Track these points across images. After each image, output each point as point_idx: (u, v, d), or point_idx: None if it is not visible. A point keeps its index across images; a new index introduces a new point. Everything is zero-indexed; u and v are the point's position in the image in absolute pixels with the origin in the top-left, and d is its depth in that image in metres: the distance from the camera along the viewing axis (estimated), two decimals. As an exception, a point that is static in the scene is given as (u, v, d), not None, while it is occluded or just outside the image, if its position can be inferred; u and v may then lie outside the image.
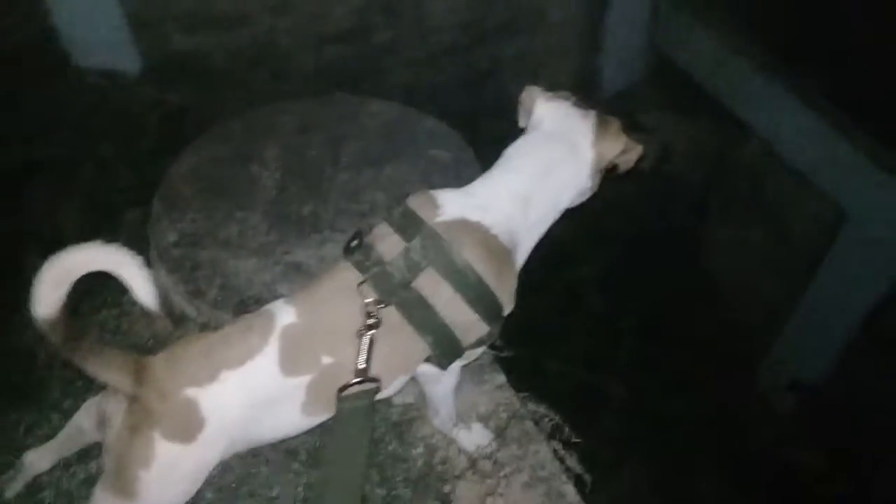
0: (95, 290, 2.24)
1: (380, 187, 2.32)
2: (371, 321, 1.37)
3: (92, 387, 1.78)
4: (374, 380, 1.38)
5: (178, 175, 2.38)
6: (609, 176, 1.68)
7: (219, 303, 2.06)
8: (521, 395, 2.05)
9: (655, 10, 3.60)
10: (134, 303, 2.21)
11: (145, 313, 2.19)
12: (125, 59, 3.10)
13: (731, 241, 3.59)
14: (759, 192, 3.43)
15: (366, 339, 1.36)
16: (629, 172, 1.70)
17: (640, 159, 1.68)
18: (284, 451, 1.89)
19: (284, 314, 1.39)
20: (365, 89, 3.37)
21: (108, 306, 2.23)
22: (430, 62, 3.60)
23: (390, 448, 1.92)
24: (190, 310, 2.11)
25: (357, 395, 1.37)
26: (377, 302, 1.39)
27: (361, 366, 1.36)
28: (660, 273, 3.29)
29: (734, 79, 3.40)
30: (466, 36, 3.56)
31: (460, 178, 2.32)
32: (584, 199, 1.65)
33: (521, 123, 1.72)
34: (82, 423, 1.60)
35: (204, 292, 2.09)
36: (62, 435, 1.68)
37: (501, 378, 2.06)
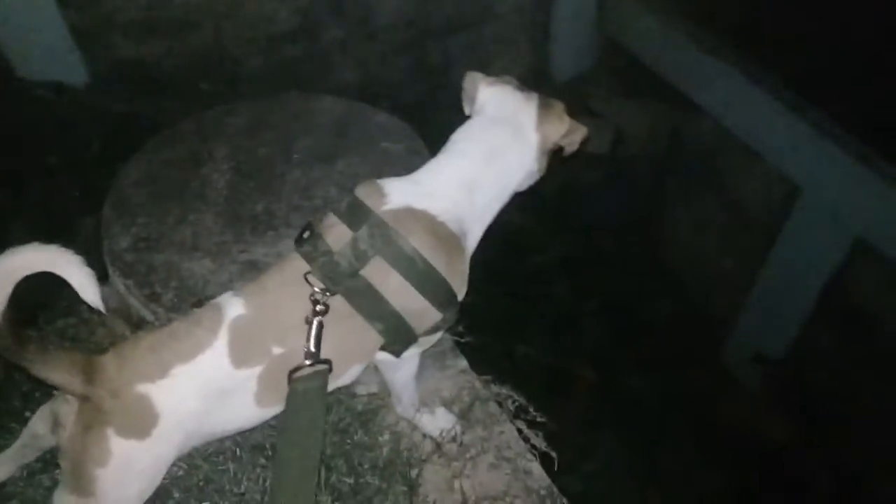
0: (52, 301, 2.22)
1: (332, 182, 2.32)
2: (319, 307, 1.37)
3: (52, 395, 1.77)
4: (324, 361, 1.39)
5: (129, 180, 2.36)
6: (557, 158, 1.69)
7: (175, 305, 2.05)
8: (484, 378, 2.07)
9: (602, -4, 3.65)
10: (92, 310, 2.22)
11: (104, 321, 2.20)
12: (70, 69, 3.07)
13: (688, 221, 3.65)
14: (714, 170, 3.49)
15: (315, 323, 1.37)
16: (576, 154, 1.72)
17: (585, 141, 1.69)
18: (251, 447, 1.88)
19: (233, 306, 1.40)
20: (316, 88, 3.38)
21: (65, 315, 2.20)
22: (379, 59, 3.61)
23: (356, 438, 1.92)
24: (147, 314, 2.10)
25: (309, 377, 1.38)
26: (324, 291, 1.39)
27: (312, 349, 1.37)
28: (620, 256, 3.34)
29: (683, 60, 3.45)
30: (414, 32, 3.58)
31: (413, 169, 2.32)
32: (532, 181, 1.67)
33: (466, 111, 1.74)
34: (37, 428, 1.58)
35: (160, 295, 2.07)
36: (18, 443, 1.65)
37: (464, 363, 2.08)
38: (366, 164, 2.35)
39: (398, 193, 1.53)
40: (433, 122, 3.44)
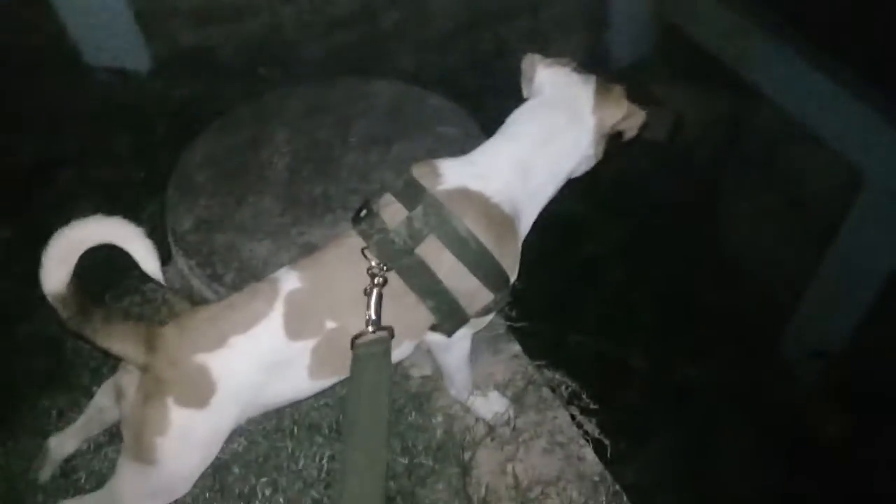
0: (118, 281, 2.30)
1: (388, 166, 2.34)
2: (377, 280, 1.39)
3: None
4: (386, 328, 1.41)
5: (191, 163, 2.42)
6: (615, 144, 1.67)
7: (237, 285, 2.09)
8: (537, 363, 2.06)
9: (660, -20, 3.58)
10: (156, 290, 2.29)
11: (167, 300, 2.27)
12: (134, 56, 3.16)
13: (748, 210, 3.57)
14: (775, 158, 3.40)
15: (374, 293, 1.39)
16: (635, 140, 1.70)
17: (644, 126, 1.67)
18: (308, 425, 1.92)
19: (289, 280, 1.43)
20: (372, 73, 3.40)
21: (130, 293, 2.28)
22: (435, 45, 3.61)
23: (410, 419, 1.94)
24: (209, 293, 2.15)
25: (372, 342, 1.40)
26: (381, 265, 1.41)
27: (373, 317, 1.39)
28: (677, 244, 3.28)
29: (744, 45, 3.38)
30: (471, 17, 3.57)
31: (465, 150, 2.34)
32: (588, 167, 1.66)
33: (525, 92, 1.73)
34: (102, 402, 1.64)
35: (222, 276, 2.12)
36: (84, 417, 1.72)
37: (517, 347, 2.08)
38: (422, 148, 2.36)
39: (453, 174, 1.55)
40: (488, 108, 3.43)
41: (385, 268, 1.42)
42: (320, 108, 2.54)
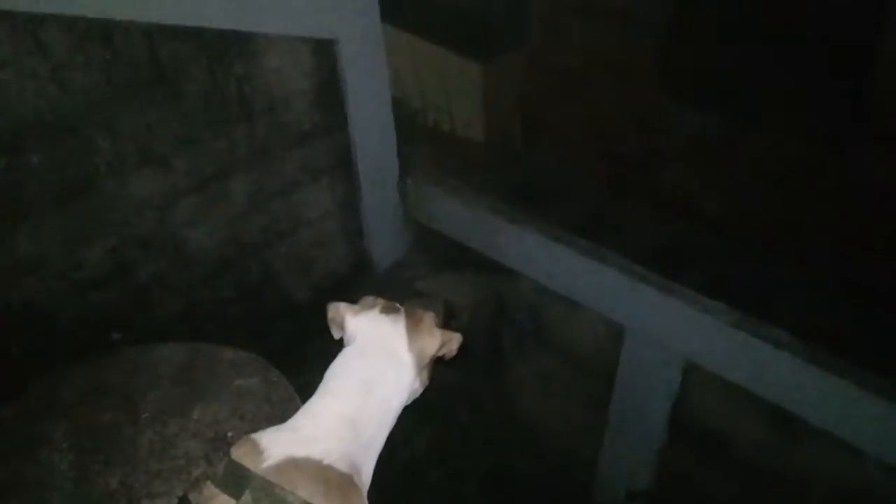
0: None
1: (190, 435, 2.19)
2: None
3: None
4: None
5: (-48, 489, 2.08)
6: (437, 364, 1.74)
7: None
8: None
9: (403, 188, 3.89)
10: None
11: None
12: None
13: (530, 378, 3.81)
14: (542, 325, 3.71)
15: None
16: (455, 358, 1.78)
17: (462, 346, 1.76)
18: None
19: None
20: (138, 326, 3.25)
21: None
22: (200, 284, 3.55)
23: None
24: None
25: None
26: None
27: None
28: (481, 427, 3.39)
29: (486, 231, 3.71)
30: (231, 252, 3.58)
31: (271, 400, 2.29)
32: (417, 395, 1.70)
33: (336, 336, 1.75)
34: None
35: None
36: None
37: None
38: (224, 408, 2.25)
39: (277, 445, 1.48)
40: (267, 335, 3.41)
41: None
42: (98, 389, 2.35)
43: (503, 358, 3.89)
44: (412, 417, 3.27)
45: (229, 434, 2.17)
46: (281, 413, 2.20)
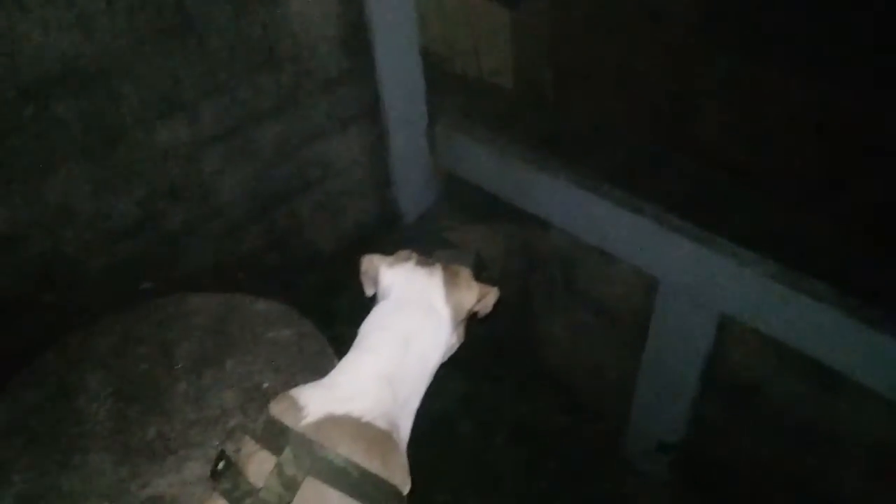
0: None
1: (225, 385, 2.20)
2: None
3: None
4: None
5: (-6, 436, 2.12)
6: (472, 320, 1.71)
7: (78, 569, 1.83)
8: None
9: (432, 136, 3.82)
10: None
11: None
12: None
13: (562, 331, 3.78)
14: (574, 277, 3.66)
15: None
16: (490, 315, 1.74)
17: (498, 301, 1.72)
18: None
19: None
20: (168, 276, 3.25)
21: None
22: (229, 234, 3.54)
23: None
24: (44, 587, 1.85)
25: None
26: None
27: None
28: (514, 379, 3.38)
29: (519, 180, 3.64)
30: (260, 201, 3.56)
31: (304, 352, 2.29)
32: (453, 351, 1.67)
33: (368, 292, 1.72)
34: None
35: (58, 560, 1.84)
36: None
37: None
38: (257, 360, 2.26)
39: (315, 403, 1.47)
40: (296, 286, 3.40)
41: None
42: (133, 338, 2.36)
43: (533, 310, 3.86)
44: (442, 369, 3.28)
45: (264, 385, 2.18)
46: (314, 365, 2.20)
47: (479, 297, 1.66)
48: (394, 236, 3.92)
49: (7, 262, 2.95)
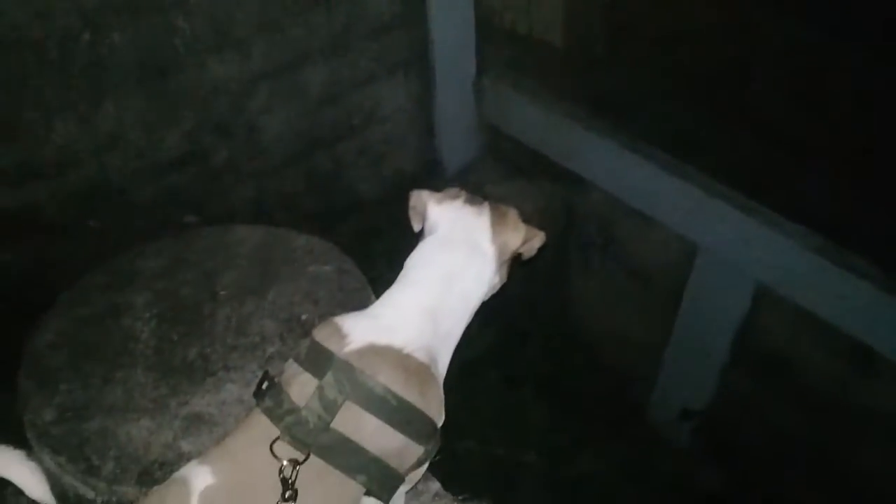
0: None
1: (266, 314, 2.25)
2: (288, 493, 1.30)
3: None
4: None
5: (42, 344, 2.18)
6: (516, 262, 1.71)
7: (118, 476, 1.89)
8: (460, 498, 2.02)
9: (479, 89, 3.79)
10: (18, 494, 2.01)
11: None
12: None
13: (595, 293, 3.78)
14: (611, 238, 3.65)
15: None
16: (534, 259, 1.74)
17: (543, 245, 1.72)
18: None
19: (199, 477, 1.30)
20: (210, 210, 3.30)
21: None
22: (272, 173, 3.58)
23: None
24: (86, 491, 1.92)
25: None
26: (294, 462, 1.32)
27: None
28: (542, 338, 3.39)
29: (562, 138, 3.61)
30: (303, 143, 3.58)
31: (344, 288, 2.32)
32: (495, 291, 1.68)
33: (415, 228, 1.73)
34: None
35: (98, 468, 1.90)
36: None
37: (436, 485, 2.03)
38: (298, 292, 2.30)
39: (359, 331, 1.49)
40: (336, 230, 3.43)
41: (301, 461, 1.33)
42: (179, 264, 2.42)
43: (568, 269, 3.85)
44: (475, 319, 3.32)
45: (303, 317, 2.22)
46: (353, 301, 2.23)
47: (524, 239, 1.65)
48: (434, 186, 3.92)
49: (57, 187, 3.02)
